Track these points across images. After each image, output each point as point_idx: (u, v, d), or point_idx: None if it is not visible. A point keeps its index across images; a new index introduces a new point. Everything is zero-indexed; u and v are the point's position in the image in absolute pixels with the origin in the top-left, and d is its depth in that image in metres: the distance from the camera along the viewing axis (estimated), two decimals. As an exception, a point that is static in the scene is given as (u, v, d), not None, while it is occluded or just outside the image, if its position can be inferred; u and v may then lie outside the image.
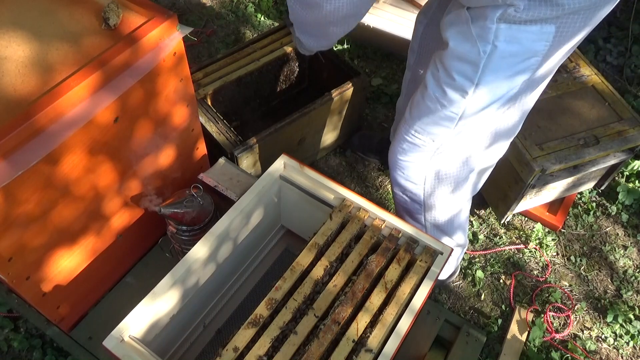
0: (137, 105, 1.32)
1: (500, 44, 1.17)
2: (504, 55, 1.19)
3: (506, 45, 1.18)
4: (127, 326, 1.21)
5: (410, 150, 1.48)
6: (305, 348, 1.19)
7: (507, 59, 1.20)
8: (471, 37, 1.19)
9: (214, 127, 1.88)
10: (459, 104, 1.30)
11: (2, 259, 1.21)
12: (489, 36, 1.17)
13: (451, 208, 1.65)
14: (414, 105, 1.42)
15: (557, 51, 1.24)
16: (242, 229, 1.48)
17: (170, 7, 2.84)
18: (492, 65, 1.21)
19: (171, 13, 1.25)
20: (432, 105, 1.34)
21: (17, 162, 1.07)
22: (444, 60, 1.27)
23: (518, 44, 1.18)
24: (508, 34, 1.16)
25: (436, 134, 1.40)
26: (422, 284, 1.29)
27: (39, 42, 1.22)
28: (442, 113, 1.34)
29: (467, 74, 1.24)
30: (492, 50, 1.18)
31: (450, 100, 1.30)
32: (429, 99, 1.34)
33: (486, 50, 1.19)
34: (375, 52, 2.67)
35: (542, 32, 1.16)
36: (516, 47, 1.18)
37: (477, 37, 1.18)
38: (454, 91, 1.28)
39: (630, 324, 1.94)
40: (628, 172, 2.28)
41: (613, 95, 2.03)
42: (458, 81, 1.26)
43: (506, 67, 1.22)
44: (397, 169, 1.56)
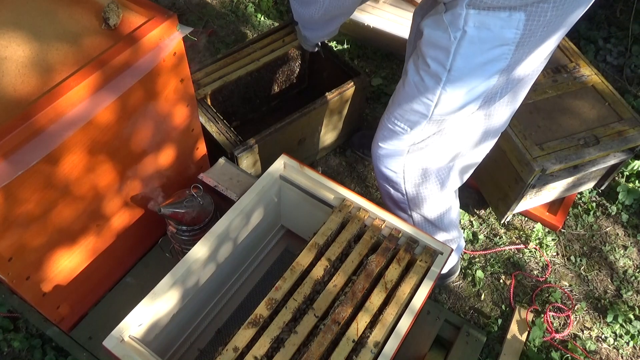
0: (138, 105, 1.32)
1: (469, 29, 1.20)
2: (474, 40, 1.22)
3: (475, 31, 1.20)
4: (127, 326, 1.21)
5: (389, 137, 1.51)
6: (305, 348, 1.19)
7: (477, 44, 1.23)
8: (443, 23, 1.23)
9: (214, 127, 1.88)
10: (434, 90, 1.33)
11: (2, 259, 1.21)
12: (459, 22, 1.21)
13: (441, 205, 1.67)
14: (396, 92, 1.47)
15: (532, 44, 1.25)
16: (242, 229, 1.48)
17: (170, 7, 2.84)
18: (462, 50, 1.24)
19: (171, 13, 1.25)
20: (410, 92, 1.39)
21: (17, 162, 1.07)
22: (421, 48, 1.32)
23: (487, 30, 1.20)
24: (477, 19, 1.19)
25: (413, 121, 1.43)
26: (422, 284, 1.29)
27: (39, 42, 1.22)
28: (419, 99, 1.37)
29: (440, 59, 1.27)
30: (462, 35, 1.22)
31: (426, 87, 1.34)
32: (408, 85, 1.39)
33: (457, 35, 1.22)
34: (375, 52, 2.67)
35: (511, 18, 1.18)
36: (485, 33, 1.21)
37: (449, 24, 1.22)
38: (429, 77, 1.32)
39: (630, 324, 1.94)
40: (628, 172, 2.28)
41: (613, 95, 2.03)
42: (432, 67, 1.30)
43: (477, 53, 1.24)
44: (378, 157, 1.59)
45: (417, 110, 1.40)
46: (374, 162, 1.62)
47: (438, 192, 1.62)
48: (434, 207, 1.66)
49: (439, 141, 1.48)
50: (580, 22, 2.75)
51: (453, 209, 1.72)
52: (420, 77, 1.34)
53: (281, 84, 2.24)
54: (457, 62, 1.26)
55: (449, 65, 1.27)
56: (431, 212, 1.67)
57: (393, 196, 1.67)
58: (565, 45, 2.18)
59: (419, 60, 1.34)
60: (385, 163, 1.57)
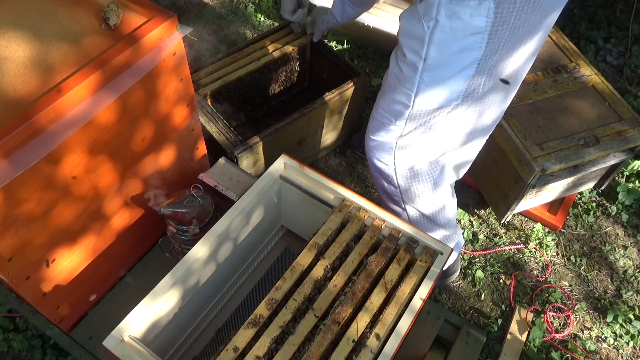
0: (138, 105, 1.32)
1: (441, 19, 1.24)
2: (445, 29, 1.25)
3: (447, 20, 1.24)
4: (127, 326, 1.21)
5: (377, 128, 1.53)
6: (305, 348, 1.19)
7: (449, 33, 1.26)
8: (417, 13, 1.27)
9: (214, 127, 1.88)
10: (413, 80, 1.36)
11: (2, 259, 1.21)
12: (432, 11, 1.24)
13: (435, 202, 1.68)
14: (382, 84, 1.50)
15: (504, 32, 1.26)
16: (242, 229, 1.48)
17: (170, 7, 2.84)
18: (435, 39, 1.27)
19: (171, 13, 1.25)
20: (392, 82, 1.42)
21: (18, 161, 1.07)
22: (399, 38, 1.35)
23: (458, 19, 1.23)
24: (448, 8, 1.22)
25: (396, 111, 1.45)
26: (422, 284, 1.29)
27: (39, 42, 1.22)
28: (400, 89, 1.40)
29: (415, 49, 1.31)
30: (435, 24, 1.25)
31: (405, 77, 1.37)
32: (390, 76, 1.43)
33: (430, 25, 1.25)
34: (375, 52, 2.67)
35: (480, 6, 1.20)
36: (456, 22, 1.24)
37: (423, 14, 1.26)
38: (407, 67, 1.35)
39: (630, 324, 1.94)
40: (628, 172, 2.28)
41: (613, 95, 2.03)
42: (409, 57, 1.33)
43: (450, 42, 1.27)
44: (370, 149, 1.61)
45: (399, 100, 1.43)
46: (367, 155, 1.64)
47: (430, 189, 1.63)
48: (428, 204, 1.67)
49: (425, 137, 1.50)
50: (580, 22, 2.76)
51: (448, 207, 1.72)
52: (399, 68, 1.38)
53: (281, 84, 2.24)
54: (432, 51, 1.29)
55: (424, 55, 1.30)
56: (426, 208, 1.68)
57: (387, 189, 1.68)
58: (565, 45, 2.18)
59: (397, 51, 1.38)
60: (376, 155, 1.60)
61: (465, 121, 1.49)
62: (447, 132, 1.50)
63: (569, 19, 2.77)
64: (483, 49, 1.28)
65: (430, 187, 1.63)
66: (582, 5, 2.78)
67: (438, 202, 1.68)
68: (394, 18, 2.54)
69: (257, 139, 1.84)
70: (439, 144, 1.53)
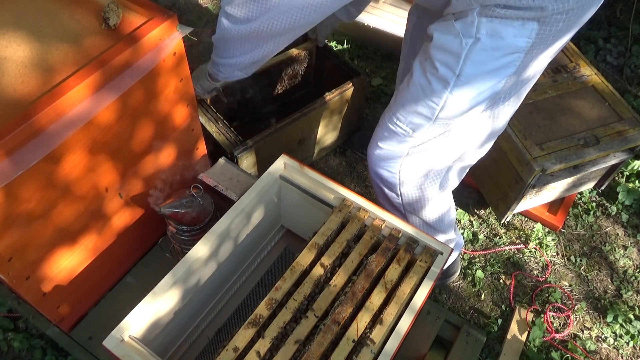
0: (138, 105, 1.33)
1: (482, 37, 1.21)
2: (486, 47, 1.22)
3: (488, 39, 1.21)
4: (127, 326, 1.21)
5: (389, 138, 1.49)
6: (305, 348, 1.19)
7: (489, 52, 1.23)
8: (454, 29, 1.23)
9: (214, 127, 1.88)
10: (441, 94, 1.32)
11: (2, 259, 1.21)
12: (471, 30, 1.21)
13: (441, 206, 1.67)
14: (400, 92, 1.44)
15: (540, 50, 1.26)
16: (242, 229, 1.48)
17: (170, 7, 2.84)
18: (473, 56, 1.24)
19: (171, 13, 1.25)
20: (415, 94, 1.37)
21: (18, 161, 1.07)
22: (429, 51, 1.31)
23: (500, 38, 1.21)
24: (489, 27, 1.20)
25: (416, 123, 1.42)
26: (422, 284, 1.29)
27: (39, 42, 1.22)
28: (424, 102, 1.36)
29: (450, 64, 1.27)
30: (475, 42, 1.22)
31: (433, 90, 1.33)
32: (413, 86, 1.37)
33: (468, 42, 1.22)
34: (375, 52, 2.67)
35: (524, 27, 1.19)
36: (498, 41, 1.21)
37: (461, 31, 1.23)
38: (437, 81, 1.31)
39: (630, 324, 1.94)
40: (628, 172, 2.28)
41: (613, 95, 2.03)
42: (441, 71, 1.29)
43: (488, 60, 1.25)
44: (375, 157, 1.57)
45: (421, 113, 1.38)
46: (370, 162, 1.60)
47: (438, 194, 1.61)
48: (434, 209, 1.65)
49: (441, 143, 1.46)
50: (580, 22, 2.76)
51: (449, 213, 1.71)
52: (427, 80, 1.33)
53: (285, 86, 2.23)
54: (467, 68, 1.26)
55: (459, 70, 1.26)
56: (431, 214, 1.66)
57: (387, 195, 1.66)
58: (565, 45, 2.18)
59: (426, 62, 1.32)
60: (382, 164, 1.56)
61: (481, 127, 1.46)
62: (463, 138, 1.47)
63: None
64: (517, 66, 1.26)
65: (432, 196, 1.61)
66: (582, 5, 2.78)
67: (439, 210, 1.66)
68: (394, 18, 2.54)
69: (257, 139, 1.84)
70: (453, 150, 1.51)
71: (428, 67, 1.32)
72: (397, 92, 1.47)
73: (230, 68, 1.49)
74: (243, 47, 1.40)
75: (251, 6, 1.27)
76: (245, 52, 1.41)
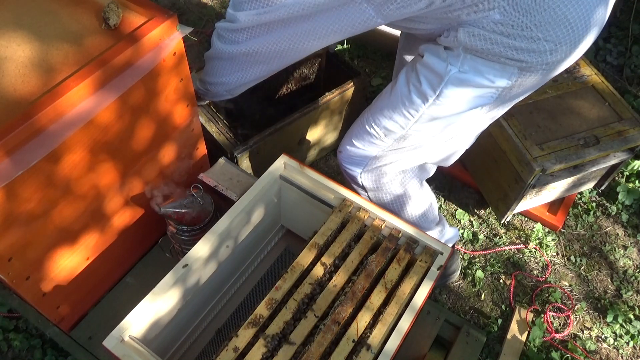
0: (138, 105, 1.33)
1: (465, 70, 1.28)
2: (468, 79, 1.29)
3: (470, 73, 1.28)
4: (127, 326, 1.21)
5: (361, 136, 1.53)
6: (305, 348, 1.19)
7: (470, 82, 1.30)
8: (443, 54, 1.30)
9: (214, 127, 1.88)
10: (418, 108, 1.38)
11: (2, 259, 1.21)
12: (457, 61, 1.28)
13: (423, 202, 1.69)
14: (381, 96, 1.49)
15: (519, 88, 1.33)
16: (242, 229, 1.48)
17: (170, 7, 2.84)
18: (454, 82, 1.30)
19: (171, 13, 1.25)
20: (395, 101, 1.42)
21: (18, 161, 1.07)
22: (416, 65, 1.36)
23: (481, 76, 1.28)
24: (472, 65, 1.27)
25: (389, 129, 1.46)
26: (422, 283, 1.29)
27: (40, 42, 1.22)
28: (401, 111, 1.41)
29: (432, 82, 1.33)
30: (458, 72, 1.28)
31: (412, 101, 1.38)
32: (394, 94, 1.42)
33: (452, 69, 1.29)
34: (375, 52, 2.67)
35: (504, 70, 1.26)
36: (479, 78, 1.28)
37: (448, 57, 1.29)
38: (417, 94, 1.36)
39: (630, 324, 1.94)
40: (628, 172, 2.28)
41: (613, 95, 2.03)
42: (423, 86, 1.34)
43: (467, 89, 1.31)
44: (345, 152, 1.60)
45: (396, 121, 1.43)
46: (340, 155, 1.63)
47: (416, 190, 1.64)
48: (417, 206, 1.68)
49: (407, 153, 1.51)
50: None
51: (434, 203, 1.74)
52: (408, 90, 1.38)
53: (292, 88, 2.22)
54: (447, 91, 1.32)
55: (439, 91, 1.32)
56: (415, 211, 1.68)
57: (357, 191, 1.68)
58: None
59: (411, 74, 1.38)
60: (349, 160, 1.60)
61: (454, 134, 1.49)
62: (430, 146, 1.51)
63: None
64: (494, 98, 1.33)
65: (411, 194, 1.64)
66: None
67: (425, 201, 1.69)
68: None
69: (257, 139, 1.84)
70: (418, 157, 1.55)
71: (412, 79, 1.37)
72: (379, 95, 1.51)
73: (218, 87, 1.53)
74: (232, 68, 1.44)
75: (244, 30, 1.32)
76: (234, 72, 1.45)
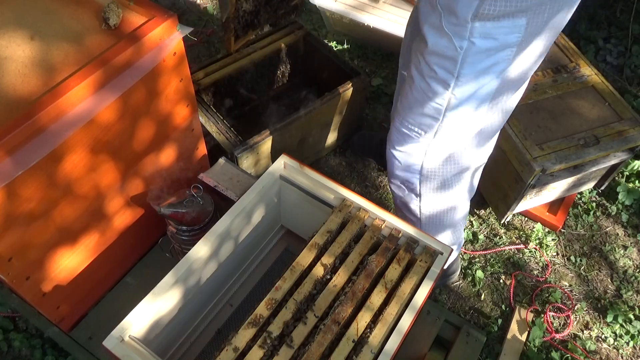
0: (138, 105, 1.33)
1: (476, 40, 1.23)
2: (481, 50, 1.25)
3: (482, 41, 1.24)
4: (127, 326, 1.21)
5: (403, 140, 1.52)
6: (305, 348, 1.19)
7: (483, 52, 1.26)
8: (445, 33, 1.25)
9: (214, 127, 1.88)
10: (443, 95, 1.36)
11: (2, 259, 1.21)
12: (464, 33, 1.23)
13: (440, 205, 1.67)
14: (403, 97, 1.47)
15: (530, 43, 1.29)
16: (242, 229, 1.48)
17: (170, 7, 2.84)
18: (469, 59, 1.27)
19: (171, 13, 1.26)
20: (419, 97, 1.40)
21: (19, 160, 1.07)
22: (425, 56, 1.33)
23: (492, 39, 1.24)
24: (482, 31, 1.22)
25: (427, 124, 1.45)
26: (422, 283, 1.29)
27: (40, 41, 1.22)
28: (429, 104, 1.39)
29: (447, 67, 1.30)
30: (469, 46, 1.24)
31: (435, 92, 1.36)
32: (416, 91, 1.41)
33: (462, 45, 1.25)
34: (375, 52, 2.67)
35: (514, 25, 1.22)
36: (490, 42, 1.24)
37: (452, 34, 1.24)
38: (437, 83, 1.34)
39: (630, 324, 1.94)
40: (628, 172, 2.28)
41: (613, 95, 2.03)
42: (440, 74, 1.32)
43: (483, 59, 1.28)
44: (393, 159, 1.59)
45: (428, 114, 1.42)
46: (389, 166, 1.62)
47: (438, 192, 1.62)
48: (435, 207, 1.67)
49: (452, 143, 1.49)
50: (580, 22, 2.76)
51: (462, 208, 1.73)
52: (427, 83, 1.36)
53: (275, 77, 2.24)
54: (465, 69, 1.29)
55: (457, 73, 1.30)
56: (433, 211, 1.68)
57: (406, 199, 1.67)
58: (565, 45, 2.18)
59: (422, 66, 1.35)
60: (402, 166, 1.58)
61: (489, 120, 1.49)
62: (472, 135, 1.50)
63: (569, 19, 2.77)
64: (512, 60, 1.30)
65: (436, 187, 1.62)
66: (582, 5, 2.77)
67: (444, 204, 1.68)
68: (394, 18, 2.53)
69: (257, 138, 1.84)
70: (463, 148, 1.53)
71: (426, 71, 1.35)
72: (400, 97, 1.50)
73: None
74: None
75: None
76: None
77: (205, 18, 2.80)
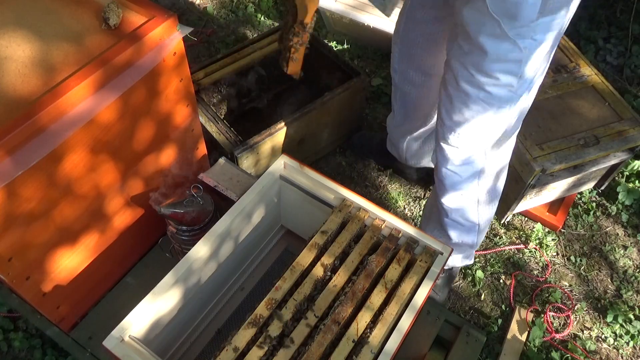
0: (138, 104, 1.33)
1: (539, 37, 1.24)
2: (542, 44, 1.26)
3: (543, 35, 1.24)
4: (127, 326, 1.21)
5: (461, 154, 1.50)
6: (305, 348, 1.19)
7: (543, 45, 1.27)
8: (507, 37, 1.23)
9: (214, 127, 1.88)
10: (512, 98, 1.36)
11: (2, 259, 1.21)
12: (528, 33, 1.23)
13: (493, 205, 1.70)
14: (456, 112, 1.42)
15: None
16: (242, 229, 1.48)
17: (170, 7, 2.84)
18: (533, 55, 1.27)
19: (171, 13, 1.26)
20: (481, 109, 1.38)
21: (19, 160, 1.07)
22: (484, 66, 1.29)
23: (551, 32, 1.25)
24: (543, 27, 1.22)
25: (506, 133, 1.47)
26: (422, 283, 1.29)
27: (40, 41, 1.22)
28: (500, 112, 1.38)
29: (512, 71, 1.29)
30: (532, 44, 1.25)
31: (500, 98, 1.35)
32: (472, 101, 1.37)
33: (526, 45, 1.24)
34: (375, 52, 2.67)
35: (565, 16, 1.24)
36: (549, 34, 1.25)
37: (515, 37, 1.23)
38: (501, 89, 1.33)
39: (630, 324, 1.94)
40: (628, 172, 2.28)
41: (613, 95, 2.03)
42: (503, 80, 1.30)
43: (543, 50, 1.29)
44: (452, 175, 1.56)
45: (505, 121, 1.42)
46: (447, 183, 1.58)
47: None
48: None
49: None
50: (581, 22, 2.76)
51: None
52: (487, 92, 1.33)
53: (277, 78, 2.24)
54: (528, 67, 1.29)
55: (521, 72, 1.29)
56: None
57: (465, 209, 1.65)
58: (565, 45, 2.18)
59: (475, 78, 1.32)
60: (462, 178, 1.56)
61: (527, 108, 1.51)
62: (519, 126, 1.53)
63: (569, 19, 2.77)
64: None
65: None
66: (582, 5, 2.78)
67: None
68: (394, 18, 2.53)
69: (257, 138, 1.84)
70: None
71: (484, 81, 1.31)
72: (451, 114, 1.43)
73: None
74: None
75: None
76: None
77: (205, 18, 2.80)
